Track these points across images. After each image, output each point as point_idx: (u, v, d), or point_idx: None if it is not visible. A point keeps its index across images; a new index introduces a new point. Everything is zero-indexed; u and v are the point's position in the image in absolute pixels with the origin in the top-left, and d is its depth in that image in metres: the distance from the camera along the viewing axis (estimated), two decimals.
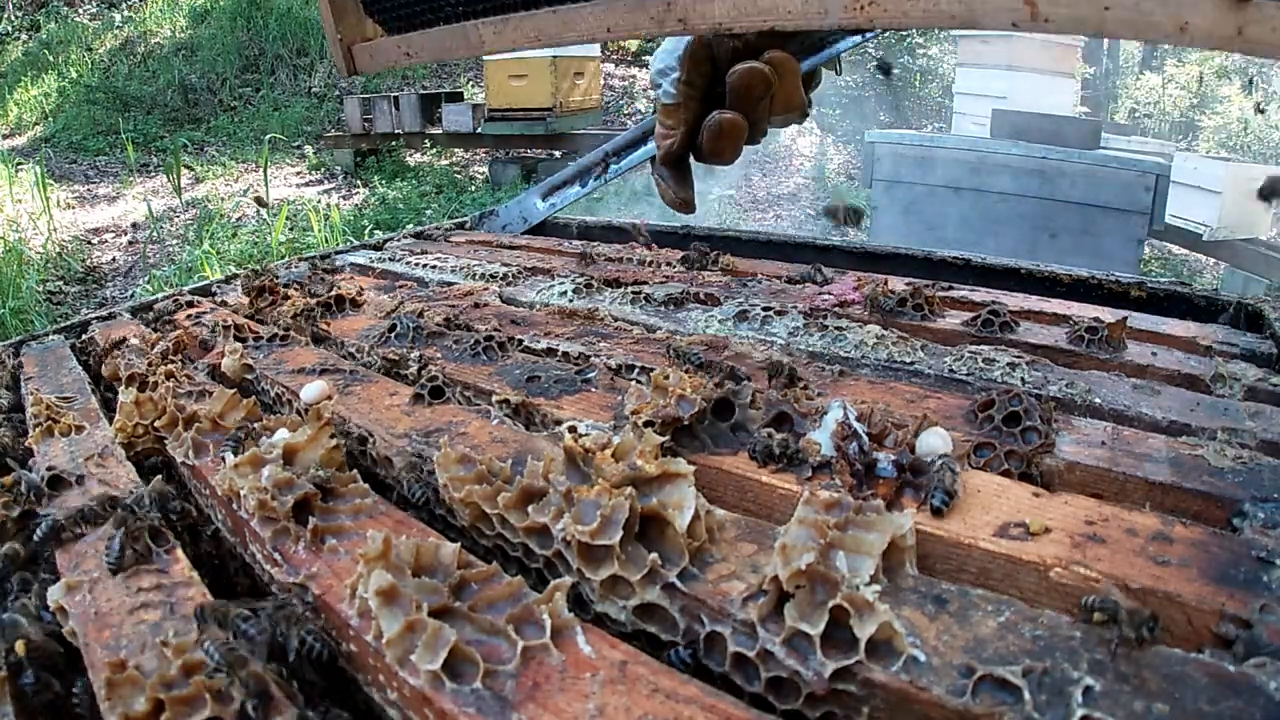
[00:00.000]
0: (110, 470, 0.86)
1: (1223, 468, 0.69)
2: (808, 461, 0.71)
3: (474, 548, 0.67)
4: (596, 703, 0.47)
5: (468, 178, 7.53)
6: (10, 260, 4.45)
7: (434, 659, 0.49)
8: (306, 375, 1.04)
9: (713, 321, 1.18)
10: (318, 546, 0.65)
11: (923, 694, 0.46)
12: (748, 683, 0.51)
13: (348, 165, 7.66)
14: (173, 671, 0.51)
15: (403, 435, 0.84)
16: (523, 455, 0.76)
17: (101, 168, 7.98)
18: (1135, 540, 0.58)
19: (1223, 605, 0.51)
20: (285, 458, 0.74)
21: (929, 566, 0.60)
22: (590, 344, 1.09)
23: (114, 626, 0.60)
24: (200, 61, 9.57)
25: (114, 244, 5.94)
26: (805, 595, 0.51)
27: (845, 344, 1.04)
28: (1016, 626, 0.49)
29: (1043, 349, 1.02)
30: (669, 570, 0.56)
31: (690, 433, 0.77)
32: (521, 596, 0.55)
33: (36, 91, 9.40)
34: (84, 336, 1.39)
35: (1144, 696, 0.43)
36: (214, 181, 7.38)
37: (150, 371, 1.07)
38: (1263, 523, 0.61)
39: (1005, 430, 0.75)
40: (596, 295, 1.35)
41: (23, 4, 10.91)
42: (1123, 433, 0.76)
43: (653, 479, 0.61)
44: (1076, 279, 1.41)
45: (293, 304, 1.33)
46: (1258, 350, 1.04)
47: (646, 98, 9.22)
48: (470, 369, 1.02)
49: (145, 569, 0.66)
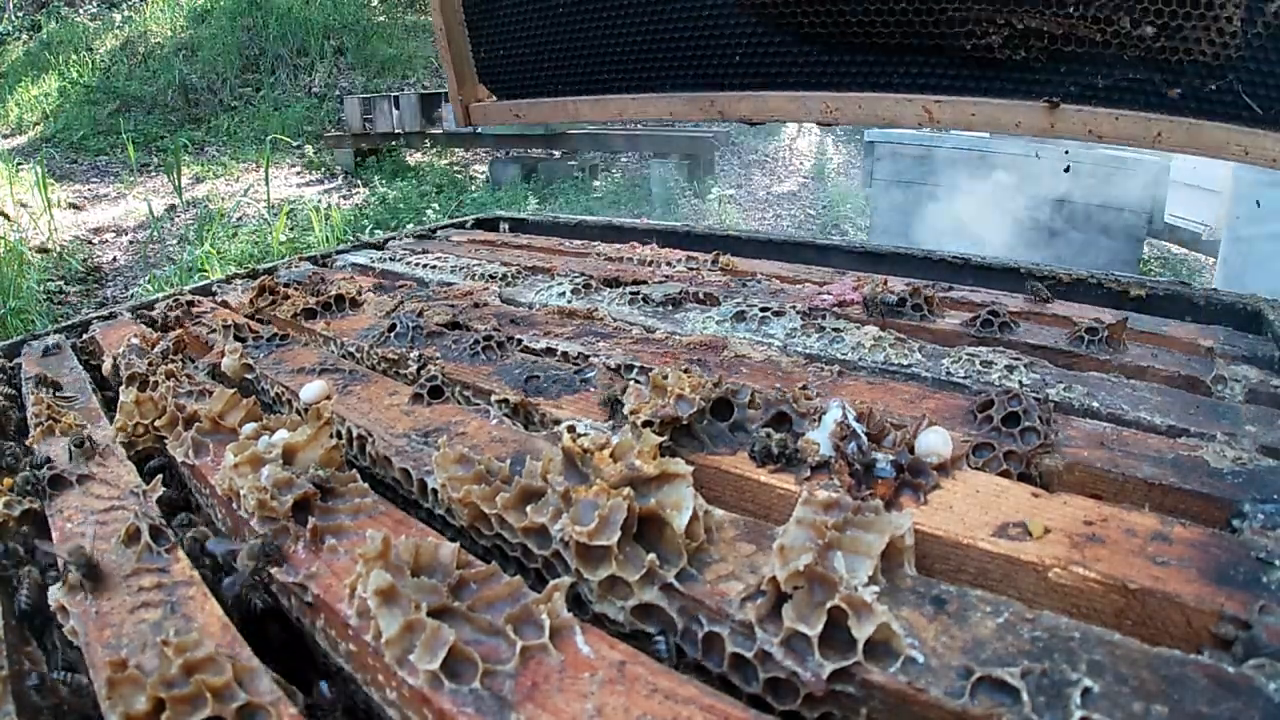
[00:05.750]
0: (111, 469, 0.86)
1: (1222, 469, 0.69)
2: (806, 461, 0.71)
3: (473, 548, 0.67)
4: (595, 703, 0.47)
5: (468, 177, 7.53)
6: (11, 260, 4.45)
7: (433, 659, 0.49)
8: (306, 375, 1.04)
9: (710, 322, 1.18)
10: (317, 546, 0.65)
11: (921, 695, 0.46)
12: (746, 683, 0.52)
13: (348, 165, 7.66)
14: (173, 670, 0.51)
15: (402, 435, 0.84)
16: (521, 455, 0.76)
17: (102, 168, 7.98)
18: (1134, 541, 0.58)
19: (1222, 606, 0.51)
20: (285, 457, 0.74)
21: (927, 567, 0.60)
22: (589, 344, 1.09)
23: (115, 625, 0.60)
24: (200, 61, 9.56)
25: (115, 244, 5.94)
26: (803, 596, 0.51)
27: (843, 345, 1.04)
28: (1015, 627, 0.49)
29: (1042, 350, 1.02)
30: (667, 570, 0.56)
31: (689, 432, 0.77)
32: (520, 596, 0.55)
33: (37, 91, 9.40)
34: (84, 336, 1.39)
35: (1143, 698, 0.43)
36: (214, 181, 7.38)
37: (151, 371, 1.07)
38: (1262, 524, 0.61)
39: (1004, 431, 0.75)
40: (595, 295, 1.35)
41: (23, 4, 10.91)
42: (1122, 433, 0.76)
43: (651, 479, 0.61)
44: (1076, 278, 1.41)
45: (292, 303, 1.33)
46: (1259, 352, 1.04)
47: None
48: (469, 369, 1.02)
49: (146, 568, 0.66)
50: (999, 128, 1.35)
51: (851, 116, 1.49)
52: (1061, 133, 1.29)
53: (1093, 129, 1.26)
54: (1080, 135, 1.28)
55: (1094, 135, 1.27)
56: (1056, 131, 1.29)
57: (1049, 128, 1.30)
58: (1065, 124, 1.28)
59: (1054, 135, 1.29)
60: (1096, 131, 1.26)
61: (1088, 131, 1.27)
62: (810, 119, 1.53)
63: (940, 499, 0.65)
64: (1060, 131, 1.29)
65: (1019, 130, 1.32)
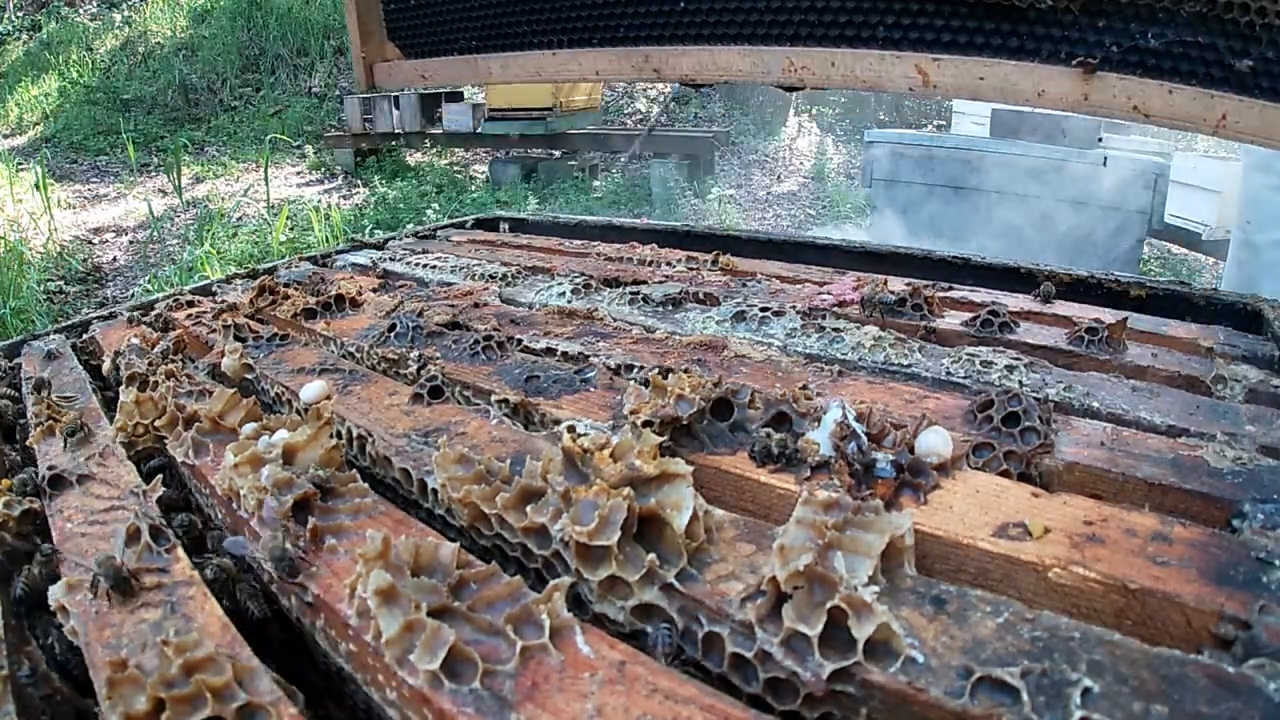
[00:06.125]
0: (111, 469, 0.86)
1: (1222, 469, 0.69)
2: (806, 461, 0.71)
3: (473, 547, 0.67)
4: (595, 703, 0.47)
5: (468, 177, 7.53)
6: (11, 260, 4.45)
7: (432, 659, 0.49)
8: (306, 375, 1.04)
9: (710, 322, 1.18)
10: (317, 546, 0.65)
11: (921, 695, 0.46)
12: (746, 683, 0.51)
13: (348, 165, 7.66)
14: (173, 670, 0.51)
15: (402, 435, 0.84)
16: (521, 455, 0.76)
17: (102, 168, 7.98)
18: (1134, 541, 0.58)
19: (1222, 606, 0.51)
20: (285, 457, 0.74)
21: (927, 567, 0.60)
22: (589, 344, 1.09)
23: (115, 625, 0.60)
24: (200, 61, 9.57)
25: (115, 244, 5.94)
26: (803, 596, 0.51)
27: (843, 345, 1.04)
28: (1015, 627, 0.49)
29: (1042, 349, 1.02)
30: (667, 571, 0.56)
31: (689, 432, 0.77)
32: (520, 596, 0.55)
33: (37, 91, 9.40)
34: (85, 336, 1.39)
35: (1143, 698, 0.43)
36: (214, 181, 7.38)
37: (151, 371, 1.07)
38: (1262, 524, 0.61)
39: (1004, 430, 0.75)
40: (595, 295, 1.35)
41: (23, 4, 10.91)
42: (1122, 433, 0.76)
43: (651, 479, 0.61)
44: (1076, 279, 1.41)
45: (292, 303, 1.34)
46: (1259, 352, 1.04)
47: (646, 97, 9.22)
48: (469, 369, 1.02)
49: (146, 568, 0.66)
50: (1016, 97, 1.05)
51: (822, 77, 1.18)
52: (1098, 107, 1.00)
53: (1139, 104, 0.99)
54: (1122, 111, 1.00)
55: (1139, 113, 0.99)
56: (1091, 105, 1.00)
57: (1082, 99, 1.01)
58: (1103, 95, 0.99)
59: (1088, 109, 1.00)
60: (1143, 108, 0.99)
61: (1132, 108, 0.99)
62: (769, 80, 1.21)
63: (940, 499, 0.65)
64: (1096, 105, 1.00)
65: (1042, 101, 1.03)
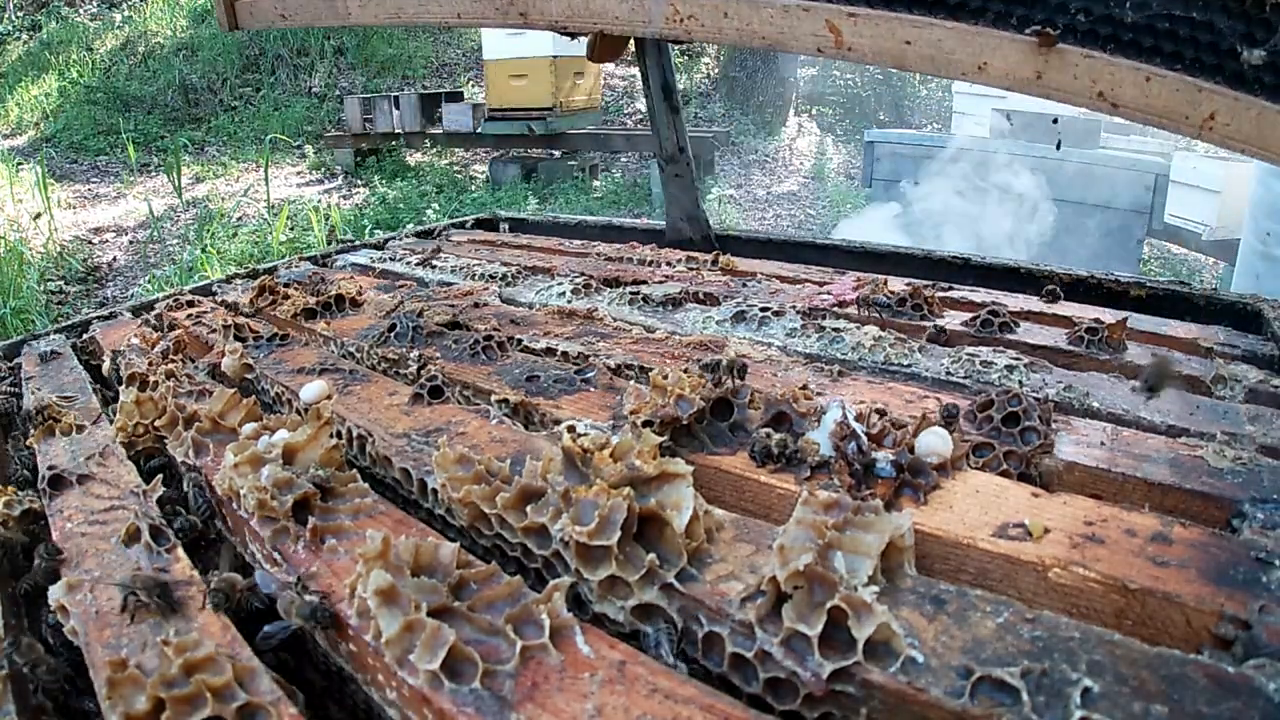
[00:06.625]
0: (111, 469, 0.86)
1: (1222, 469, 0.69)
2: (806, 461, 0.71)
3: (473, 547, 0.67)
4: (595, 703, 0.47)
5: (468, 177, 7.52)
6: (11, 260, 4.45)
7: (433, 659, 0.49)
8: (306, 375, 1.04)
9: (710, 322, 1.18)
10: (317, 546, 0.65)
11: (921, 695, 0.46)
12: (746, 683, 0.51)
13: (348, 165, 7.66)
14: (173, 670, 0.51)
15: (402, 435, 0.84)
16: (521, 455, 0.76)
17: (102, 168, 7.97)
18: (1134, 541, 0.58)
19: (1222, 606, 0.51)
20: (285, 457, 0.74)
21: (927, 567, 0.60)
22: (589, 344, 1.09)
23: (115, 625, 0.60)
24: (200, 61, 9.56)
25: (115, 244, 5.94)
26: (803, 596, 0.51)
27: (843, 345, 1.04)
28: (1015, 627, 0.49)
29: (1042, 349, 1.02)
30: (667, 571, 0.56)
31: (689, 432, 0.77)
32: (520, 596, 0.55)
33: (37, 91, 9.40)
34: (85, 336, 1.39)
35: (1143, 698, 0.43)
36: (214, 181, 7.38)
37: (151, 371, 1.07)
38: (1262, 524, 0.61)
39: (1004, 430, 0.75)
40: (595, 295, 1.35)
41: (23, 4, 10.91)
42: (1122, 433, 0.76)
43: (651, 479, 0.61)
44: (1076, 279, 1.41)
45: (292, 303, 1.33)
46: (1259, 352, 1.04)
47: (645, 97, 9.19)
48: (469, 368, 1.02)
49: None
50: (949, 69, 0.84)
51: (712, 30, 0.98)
52: (1053, 89, 0.78)
53: (1106, 90, 0.75)
54: (1084, 97, 0.77)
55: (1105, 101, 0.77)
56: (1045, 86, 0.78)
57: (1033, 77, 0.78)
58: (1061, 75, 0.76)
59: (1039, 90, 0.78)
60: (1111, 96, 0.76)
61: (1097, 94, 0.76)
62: (649, 30, 1.01)
63: (940, 499, 0.65)
64: (1051, 87, 0.78)
65: (982, 77, 0.81)
